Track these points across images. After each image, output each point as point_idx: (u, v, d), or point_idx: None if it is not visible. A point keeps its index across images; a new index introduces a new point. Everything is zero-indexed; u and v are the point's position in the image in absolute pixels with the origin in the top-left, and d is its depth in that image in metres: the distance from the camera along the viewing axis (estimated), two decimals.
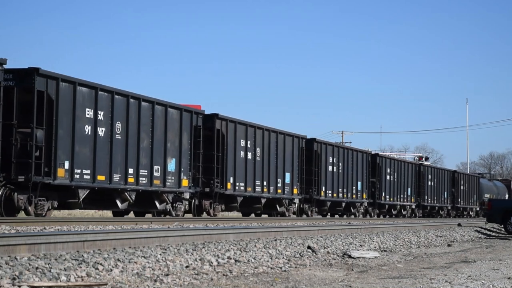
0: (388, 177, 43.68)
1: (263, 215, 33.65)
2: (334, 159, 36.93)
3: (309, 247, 12.69)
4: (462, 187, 56.69)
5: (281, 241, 13.03)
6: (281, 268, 10.05)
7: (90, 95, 20.95)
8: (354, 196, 39.21)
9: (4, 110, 18.47)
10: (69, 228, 15.45)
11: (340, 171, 37.66)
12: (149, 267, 8.61)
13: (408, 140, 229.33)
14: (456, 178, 55.57)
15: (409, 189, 46.40)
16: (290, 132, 33.32)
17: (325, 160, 35.89)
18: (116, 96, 21.95)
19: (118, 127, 22.08)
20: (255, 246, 11.82)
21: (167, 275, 8.32)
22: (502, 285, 8.74)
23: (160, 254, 9.47)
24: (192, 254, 9.95)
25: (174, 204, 25.36)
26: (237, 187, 28.75)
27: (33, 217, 18.81)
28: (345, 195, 38.15)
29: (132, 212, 26.31)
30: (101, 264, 8.16)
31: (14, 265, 7.50)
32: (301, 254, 11.94)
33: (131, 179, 22.66)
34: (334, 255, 12.54)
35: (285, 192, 32.58)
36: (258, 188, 30.17)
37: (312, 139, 35.24)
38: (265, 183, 30.71)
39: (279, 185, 31.92)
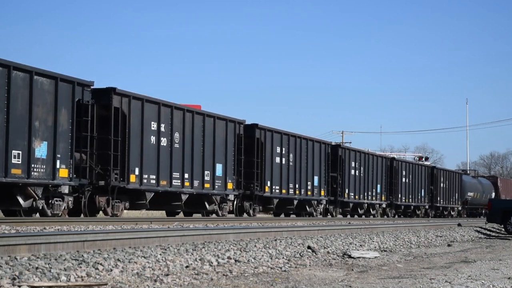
0: (353, 171, 39.56)
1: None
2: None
3: (309, 247, 12.69)
4: (442, 184, 52.14)
5: (281, 241, 13.03)
6: (281, 268, 10.05)
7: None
8: (309, 192, 34.78)
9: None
10: (69, 228, 15.45)
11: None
12: (149, 267, 8.61)
13: (408, 140, 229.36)
14: (435, 175, 51.10)
15: (378, 185, 42.36)
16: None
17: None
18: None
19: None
20: (255, 246, 11.82)
21: (167, 275, 8.32)
22: (502, 285, 8.74)
23: (160, 254, 9.47)
24: (192, 254, 9.95)
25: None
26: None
27: (34, 217, 18.89)
28: (297, 191, 33.71)
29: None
30: (101, 264, 8.17)
31: (14, 265, 7.50)
32: (301, 254, 11.94)
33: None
34: (334, 255, 12.54)
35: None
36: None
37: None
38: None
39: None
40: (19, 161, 18.66)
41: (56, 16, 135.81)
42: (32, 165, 18.93)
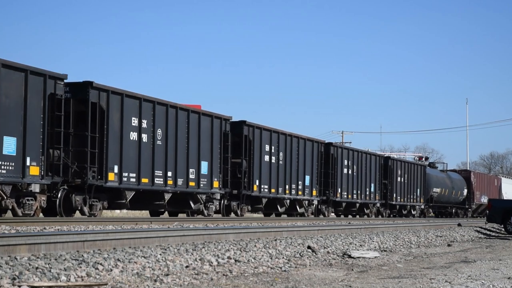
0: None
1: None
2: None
3: (309, 247, 12.69)
4: (399, 178, 44.94)
5: (281, 241, 13.03)
6: (281, 268, 10.05)
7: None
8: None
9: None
10: (69, 228, 15.45)
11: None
12: (149, 267, 8.61)
13: (408, 140, 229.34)
14: (390, 167, 43.69)
15: (307, 177, 34.51)
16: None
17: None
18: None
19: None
20: (255, 246, 11.82)
21: (167, 275, 8.32)
22: (502, 285, 8.74)
23: (160, 254, 9.47)
24: (192, 254, 9.95)
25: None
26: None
27: (33, 217, 18.87)
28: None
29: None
30: (101, 264, 8.17)
31: (14, 265, 7.50)
32: (301, 254, 11.94)
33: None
34: (334, 255, 12.54)
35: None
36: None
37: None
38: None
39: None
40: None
41: (56, 16, 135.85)
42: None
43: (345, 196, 37.97)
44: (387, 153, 70.24)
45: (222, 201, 28.42)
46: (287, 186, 32.41)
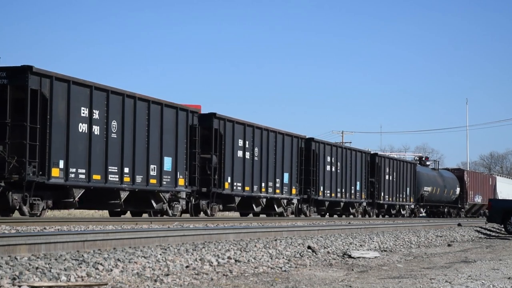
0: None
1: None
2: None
3: (309, 247, 12.68)
4: (387, 176, 42.96)
5: (281, 241, 13.03)
6: (281, 268, 10.05)
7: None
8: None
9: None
10: (69, 228, 15.45)
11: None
12: (149, 267, 8.61)
13: (408, 140, 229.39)
14: (377, 164, 41.78)
15: (286, 174, 32.55)
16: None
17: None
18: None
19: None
20: (255, 246, 11.81)
21: (167, 275, 8.32)
22: (502, 285, 8.74)
23: (160, 254, 9.47)
24: (192, 254, 9.95)
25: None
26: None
27: (33, 217, 18.81)
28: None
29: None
30: (101, 264, 8.16)
31: (14, 265, 7.50)
32: (301, 254, 11.93)
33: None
34: (334, 255, 12.54)
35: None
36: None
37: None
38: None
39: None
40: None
41: (56, 16, 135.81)
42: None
43: (328, 194, 35.77)
44: (390, 153, 70.08)
45: (191, 200, 26.40)
46: (263, 184, 30.38)
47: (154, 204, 24.36)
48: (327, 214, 38.99)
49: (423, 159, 58.67)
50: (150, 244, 10.44)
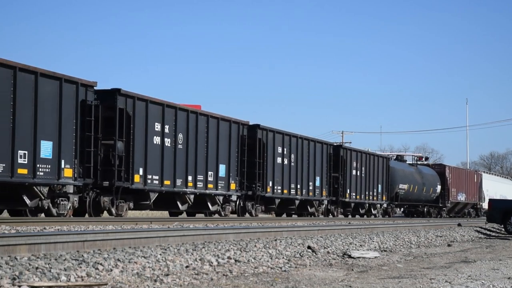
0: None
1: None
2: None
3: (309, 247, 12.68)
4: (355, 171, 38.86)
5: (281, 241, 13.03)
6: (281, 268, 10.05)
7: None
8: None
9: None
10: (69, 228, 15.45)
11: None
12: (149, 267, 8.61)
13: (408, 140, 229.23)
14: (342, 157, 37.45)
15: (223, 166, 27.92)
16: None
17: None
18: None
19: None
20: (255, 246, 11.81)
21: (167, 275, 8.32)
22: (502, 285, 8.74)
23: (160, 254, 9.47)
24: (192, 254, 9.95)
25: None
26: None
27: (33, 217, 18.91)
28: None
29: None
30: (101, 264, 8.16)
31: (14, 265, 7.50)
32: (301, 254, 11.93)
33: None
34: (334, 255, 12.54)
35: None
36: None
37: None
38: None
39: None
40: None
41: (56, 16, 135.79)
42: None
43: (279, 191, 31.78)
44: (390, 153, 69.90)
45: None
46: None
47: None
48: (284, 214, 35.58)
49: (423, 159, 57.85)
50: (150, 244, 10.44)
